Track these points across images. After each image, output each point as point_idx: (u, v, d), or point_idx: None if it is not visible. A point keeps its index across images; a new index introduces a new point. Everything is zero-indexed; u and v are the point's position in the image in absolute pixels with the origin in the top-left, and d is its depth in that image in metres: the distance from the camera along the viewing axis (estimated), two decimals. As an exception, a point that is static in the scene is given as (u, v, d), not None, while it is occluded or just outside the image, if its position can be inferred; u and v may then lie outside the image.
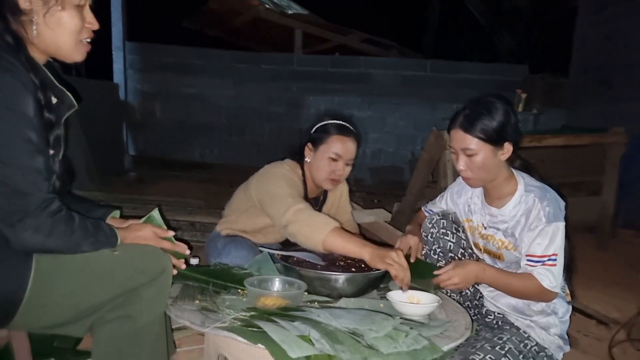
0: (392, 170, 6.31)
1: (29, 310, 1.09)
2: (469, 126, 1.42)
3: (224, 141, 6.45)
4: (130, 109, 6.65)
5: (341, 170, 1.82)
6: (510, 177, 1.48)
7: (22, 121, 1.02)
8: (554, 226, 1.37)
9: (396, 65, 6.51)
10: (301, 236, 1.55)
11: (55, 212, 1.06)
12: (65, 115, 1.18)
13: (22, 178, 1.02)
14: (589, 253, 3.36)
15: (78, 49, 1.15)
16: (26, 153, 1.03)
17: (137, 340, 1.18)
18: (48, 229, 1.04)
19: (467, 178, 1.48)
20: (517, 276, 1.42)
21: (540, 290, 1.39)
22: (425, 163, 3.17)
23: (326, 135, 1.81)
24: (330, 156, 1.79)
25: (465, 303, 1.61)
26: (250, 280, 1.35)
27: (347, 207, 2.06)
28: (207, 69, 6.54)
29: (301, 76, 6.37)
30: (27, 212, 1.02)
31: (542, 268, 1.38)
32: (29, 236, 1.03)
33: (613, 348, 2.09)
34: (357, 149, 1.85)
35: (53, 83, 1.15)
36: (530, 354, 1.43)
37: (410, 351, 1.11)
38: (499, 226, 1.50)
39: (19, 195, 1.02)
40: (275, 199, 1.66)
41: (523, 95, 3.31)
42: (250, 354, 1.14)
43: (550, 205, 1.39)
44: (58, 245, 1.08)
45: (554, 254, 1.38)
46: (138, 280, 1.16)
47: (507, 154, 1.45)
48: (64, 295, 1.12)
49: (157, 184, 4.89)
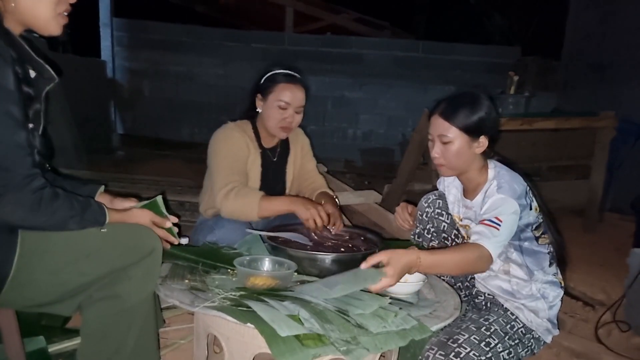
0: (383, 151, 6.31)
1: (16, 287, 1.07)
2: (449, 114, 1.44)
3: (213, 120, 6.33)
4: (118, 87, 6.53)
5: (291, 118, 1.85)
6: (483, 170, 1.50)
7: (2, 95, 0.99)
8: (504, 198, 1.36)
9: (388, 46, 6.45)
10: (238, 216, 1.74)
11: (38, 189, 1.04)
12: (46, 89, 1.15)
13: (2, 153, 1.00)
14: (576, 236, 3.41)
15: (56, 21, 1.12)
16: (7, 127, 1.01)
17: (126, 320, 1.18)
18: (29, 204, 1.03)
19: (440, 165, 1.50)
20: (455, 249, 1.37)
21: (478, 254, 1.30)
22: (416, 145, 3.17)
23: (274, 84, 1.85)
24: (279, 104, 1.83)
25: (457, 284, 1.62)
26: (240, 260, 1.35)
27: (311, 158, 2.09)
28: (196, 47, 6.42)
29: (292, 55, 6.28)
30: (7, 187, 1.01)
31: (482, 226, 1.35)
32: (10, 211, 1.02)
33: (599, 329, 2.13)
34: (306, 96, 1.89)
35: (31, 56, 1.12)
36: (516, 335, 1.45)
37: (399, 331, 1.12)
38: (471, 217, 1.53)
39: (0, 170, 1.00)
40: (213, 181, 1.80)
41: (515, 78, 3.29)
42: (239, 333, 1.14)
43: (505, 183, 1.40)
44: (41, 222, 1.06)
45: (498, 219, 1.34)
46: (127, 259, 1.15)
47: (482, 147, 1.46)
48: (51, 273, 1.11)
49: (146, 163, 4.83)
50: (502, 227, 1.35)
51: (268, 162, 1.94)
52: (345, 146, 6.46)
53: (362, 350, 1.04)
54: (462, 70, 6.24)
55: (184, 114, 6.51)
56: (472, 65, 6.28)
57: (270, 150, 1.96)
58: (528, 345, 1.48)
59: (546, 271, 1.51)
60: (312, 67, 6.16)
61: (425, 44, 6.46)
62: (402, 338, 1.11)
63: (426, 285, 1.45)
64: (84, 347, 1.20)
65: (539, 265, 1.49)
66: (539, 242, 1.49)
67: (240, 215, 1.74)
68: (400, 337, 1.11)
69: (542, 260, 1.50)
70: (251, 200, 1.72)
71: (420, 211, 1.67)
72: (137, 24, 6.48)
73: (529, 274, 1.48)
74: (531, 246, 1.47)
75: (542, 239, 1.49)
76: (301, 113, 1.89)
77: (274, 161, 1.97)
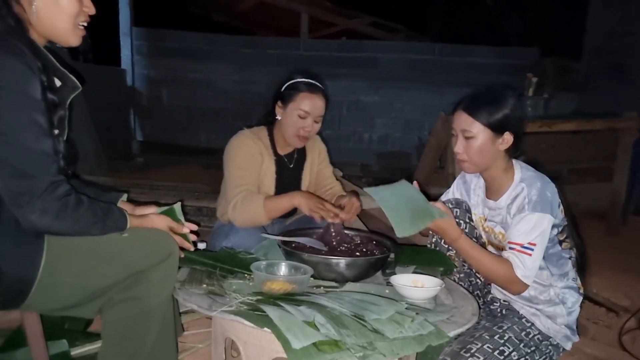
0: (399, 155, 6.27)
1: (42, 291, 1.10)
2: (472, 109, 1.41)
3: (229, 126, 6.41)
4: (138, 95, 6.65)
5: (309, 127, 1.85)
6: (508, 170, 1.46)
7: (29, 104, 1.03)
8: (538, 216, 1.34)
9: (403, 49, 6.43)
10: (250, 224, 1.77)
11: (63, 196, 1.07)
12: (70, 98, 1.19)
13: (29, 161, 1.03)
14: (599, 240, 3.34)
15: (74, 32, 1.16)
16: (34, 136, 1.04)
17: (146, 322, 1.20)
18: (55, 211, 1.06)
19: (462, 161, 1.47)
20: (491, 256, 1.41)
21: (509, 277, 1.36)
22: (432, 148, 3.15)
23: (295, 92, 1.84)
24: (299, 113, 1.83)
25: (475, 292, 1.60)
26: (257, 264, 1.35)
27: (328, 165, 2.10)
28: (213, 54, 6.50)
29: (307, 61, 6.31)
30: (34, 194, 1.03)
31: (516, 254, 1.36)
32: (37, 218, 1.04)
33: (623, 336, 2.08)
34: (326, 105, 1.89)
35: (55, 65, 1.15)
36: (532, 342, 1.42)
37: (416, 336, 1.11)
38: (496, 219, 1.49)
39: (27, 177, 1.03)
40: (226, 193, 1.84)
41: (534, 79, 3.25)
42: (256, 338, 1.15)
43: (537, 194, 1.36)
44: (65, 228, 1.09)
45: (531, 243, 1.34)
46: (146, 262, 1.17)
47: (506, 144, 1.43)
48: (75, 276, 1.14)
49: (164, 169, 4.90)
50: (535, 251, 1.34)
51: (283, 168, 1.95)
52: (361, 150, 6.45)
53: (378, 355, 1.04)
54: (479, 73, 6.18)
55: (201, 120, 6.59)
56: (489, 67, 6.22)
57: (286, 157, 1.97)
58: (546, 352, 1.44)
59: (566, 276, 1.48)
60: (328, 71, 6.16)
61: (441, 47, 6.42)
62: (419, 344, 1.10)
63: (443, 291, 1.43)
64: (104, 349, 1.23)
65: (560, 270, 1.46)
66: (562, 246, 1.46)
67: (252, 222, 1.77)
68: (417, 343, 1.10)
69: (564, 265, 1.47)
70: (256, 205, 1.75)
71: None
72: (156, 33, 6.60)
73: (549, 278, 1.45)
74: (554, 250, 1.44)
75: (565, 243, 1.46)
76: (320, 122, 1.89)
77: (290, 168, 1.97)
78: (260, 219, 1.76)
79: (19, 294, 1.09)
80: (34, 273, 1.08)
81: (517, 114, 1.42)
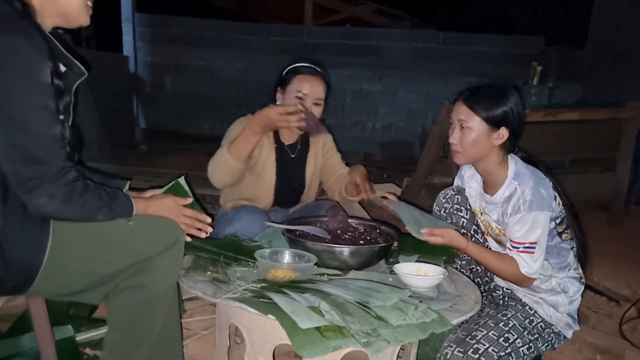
0: (403, 145, 6.26)
1: (47, 276, 1.11)
2: (472, 101, 1.43)
3: (233, 114, 6.35)
4: (140, 82, 6.62)
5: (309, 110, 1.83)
6: (503, 164, 1.47)
7: (40, 88, 1.02)
8: (534, 215, 1.36)
9: (408, 37, 6.38)
10: (221, 173, 1.76)
11: (72, 181, 1.07)
12: (76, 84, 1.18)
13: (41, 146, 1.03)
14: (601, 230, 3.34)
15: (85, 11, 1.16)
16: (46, 121, 1.04)
17: (151, 309, 1.21)
18: (62, 196, 1.06)
19: (456, 151, 1.48)
20: (497, 256, 1.46)
21: (516, 274, 1.41)
22: (436, 138, 3.14)
23: (293, 75, 1.84)
24: (297, 95, 1.81)
25: (476, 280, 1.61)
26: (261, 252, 1.36)
27: (335, 153, 2.07)
28: (216, 41, 6.46)
29: (311, 48, 6.27)
30: (45, 179, 1.03)
31: (519, 254, 1.40)
32: (44, 203, 1.04)
33: (623, 325, 2.10)
34: (327, 89, 1.87)
35: (61, 51, 1.14)
36: (535, 330, 1.44)
37: (420, 324, 1.12)
38: (492, 214, 1.51)
39: (39, 162, 1.03)
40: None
41: (538, 68, 3.23)
42: (260, 324, 1.16)
43: (531, 193, 1.37)
44: (73, 213, 1.09)
45: (532, 242, 1.37)
46: (152, 249, 1.18)
47: (501, 140, 1.44)
48: (81, 262, 1.14)
49: (168, 156, 4.91)
50: (536, 248, 1.38)
51: (285, 158, 1.94)
52: (365, 139, 6.44)
53: (382, 342, 1.05)
54: (484, 62, 6.13)
55: (204, 108, 6.58)
56: (493, 56, 6.17)
57: (289, 147, 1.95)
58: (548, 339, 1.46)
59: (568, 267, 1.49)
60: (331, 59, 6.13)
61: (446, 35, 6.37)
62: (422, 331, 1.11)
63: (446, 279, 1.44)
64: (110, 335, 1.24)
65: (560, 261, 1.47)
66: (562, 237, 1.46)
67: (222, 170, 1.76)
68: (420, 330, 1.11)
69: (565, 256, 1.48)
70: (221, 153, 1.75)
71: (438, 206, 1.64)
72: (159, 19, 6.55)
73: (549, 269, 1.46)
74: (553, 242, 1.46)
75: (565, 234, 1.47)
76: (320, 106, 1.86)
77: (292, 158, 1.96)
78: (230, 162, 1.74)
79: (25, 280, 1.10)
80: (39, 259, 1.09)
81: (516, 112, 1.43)
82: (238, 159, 1.74)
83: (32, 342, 1.40)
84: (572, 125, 3.36)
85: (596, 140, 3.57)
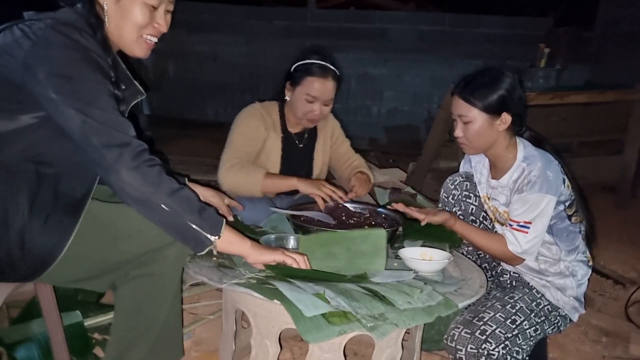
0: (408, 129, 6.21)
1: (62, 264, 1.11)
2: (467, 94, 1.42)
3: (237, 99, 6.38)
4: (144, 68, 6.59)
5: (317, 111, 1.82)
6: (511, 148, 1.46)
7: (105, 79, 1.08)
8: (536, 196, 1.35)
9: (413, 20, 6.29)
10: (239, 189, 1.76)
11: (150, 159, 1.09)
12: (133, 102, 1.23)
13: (116, 122, 1.07)
14: (608, 212, 3.33)
15: (139, 43, 1.19)
16: (113, 106, 1.08)
17: (159, 298, 1.22)
18: (143, 171, 1.05)
19: (463, 144, 1.48)
20: (485, 233, 1.49)
21: (503, 252, 1.41)
22: (441, 121, 3.11)
23: (304, 75, 1.80)
24: (306, 98, 1.79)
25: (483, 265, 1.61)
26: (266, 238, 1.36)
27: (344, 140, 2.07)
28: (218, 25, 6.40)
29: (315, 32, 6.20)
30: (123, 149, 1.04)
31: (510, 231, 1.40)
32: (127, 176, 1.04)
33: (629, 308, 2.10)
34: (338, 87, 1.85)
35: (122, 69, 1.19)
36: (542, 312, 1.44)
37: (426, 307, 1.12)
38: (499, 198, 1.50)
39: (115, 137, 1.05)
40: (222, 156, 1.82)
41: (546, 50, 3.18)
42: (266, 309, 1.17)
43: (537, 175, 1.37)
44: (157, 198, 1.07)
45: (527, 222, 1.37)
46: (163, 240, 1.18)
47: (505, 124, 1.42)
48: (94, 251, 1.15)
49: (172, 143, 4.91)
50: (531, 229, 1.37)
51: (292, 147, 1.93)
52: (370, 124, 6.40)
53: (388, 326, 1.05)
54: (490, 44, 6.05)
55: (208, 94, 6.55)
56: (500, 38, 6.08)
57: (296, 136, 1.94)
58: (554, 322, 1.47)
59: (576, 250, 1.48)
60: (335, 43, 6.07)
61: (452, 17, 6.27)
62: (428, 314, 1.11)
63: (451, 264, 1.44)
64: (118, 322, 1.25)
65: (569, 244, 1.47)
66: (571, 220, 1.46)
67: (241, 189, 1.75)
68: (426, 314, 1.11)
69: (574, 240, 1.47)
70: (255, 176, 1.74)
71: (446, 193, 1.63)
72: (160, 4, 6.48)
73: (558, 253, 1.46)
74: (563, 225, 1.45)
75: (575, 217, 1.46)
76: (330, 105, 1.85)
77: (300, 147, 1.95)
78: (254, 189, 1.75)
79: (40, 267, 1.10)
80: (57, 253, 1.09)
81: (514, 93, 1.42)
82: (263, 191, 1.77)
83: (42, 328, 1.42)
84: (580, 108, 3.33)
85: (604, 123, 3.53)
